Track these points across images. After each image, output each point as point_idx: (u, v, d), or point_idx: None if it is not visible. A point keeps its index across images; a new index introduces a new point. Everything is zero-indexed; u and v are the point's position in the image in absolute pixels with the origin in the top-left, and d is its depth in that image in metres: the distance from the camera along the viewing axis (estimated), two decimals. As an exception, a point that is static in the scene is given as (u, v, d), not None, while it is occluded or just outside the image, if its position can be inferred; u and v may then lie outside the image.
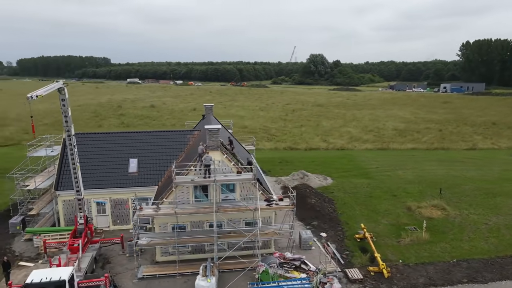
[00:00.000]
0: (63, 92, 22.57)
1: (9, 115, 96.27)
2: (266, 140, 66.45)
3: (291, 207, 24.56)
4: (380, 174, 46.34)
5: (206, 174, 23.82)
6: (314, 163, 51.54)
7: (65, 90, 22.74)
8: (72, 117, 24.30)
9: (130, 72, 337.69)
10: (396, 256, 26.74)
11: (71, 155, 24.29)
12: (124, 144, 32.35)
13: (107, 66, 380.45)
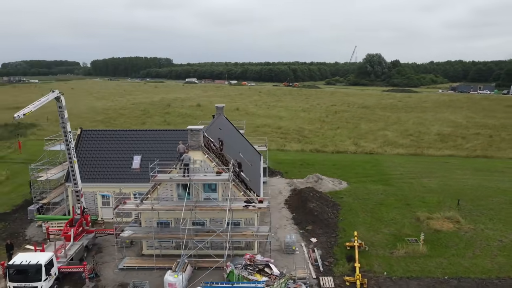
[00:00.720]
0: (60, 100, 24.67)
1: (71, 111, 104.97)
2: (296, 142, 65.92)
3: (266, 209, 24.46)
4: (402, 181, 43.95)
5: (185, 173, 24.55)
6: (335, 166, 50.24)
7: (62, 98, 24.80)
8: (124, 114, 26.42)
9: (189, 72, 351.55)
10: (382, 267, 25.43)
11: (67, 151, 26.38)
12: (131, 141, 34.16)
13: (169, 67, 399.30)
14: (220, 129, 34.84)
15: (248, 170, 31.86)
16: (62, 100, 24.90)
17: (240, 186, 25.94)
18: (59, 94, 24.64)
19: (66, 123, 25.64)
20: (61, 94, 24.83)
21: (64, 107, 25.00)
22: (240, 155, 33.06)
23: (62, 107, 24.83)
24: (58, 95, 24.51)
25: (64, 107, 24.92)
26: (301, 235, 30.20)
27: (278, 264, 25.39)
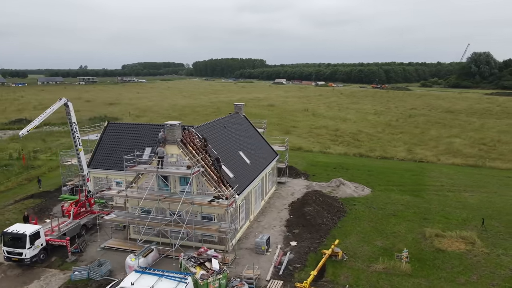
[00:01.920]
0: (67, 105, 28.54)
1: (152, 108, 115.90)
2: (344, 145, 63.25)
3: (224, 206, 24.68)
4: (436, 193, 39.54)
5: (158, 165, 26.13)
6: (370, 172, 47.21)
7: (69, 103, 28.65)
8: (198, 111, 30.04)
9: (279, 73, 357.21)
10: (349, 280, 23.68)
11: (73, 140, 30.09)
12: (148, 134, 36.92)
13: (262, 68, 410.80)
14: (224, 126, 35.71)
15: (244, 168, 32.20)
16: (70, 105, 28.76)
17: (211, 182, 26.57)
18: (66, 101, 28.44)
19: (71, 117, 29.27)
20: (68, 101, 28.61)
21: (71, 109, 28.75)
22: (239, 153, 33.55)
23: (69, 109, 28.62)
24: (65, 102, 28.33)
25: (72, 111, 28.69)
26: (285, 237, 29.54)
27: (241, 262, 25.49)
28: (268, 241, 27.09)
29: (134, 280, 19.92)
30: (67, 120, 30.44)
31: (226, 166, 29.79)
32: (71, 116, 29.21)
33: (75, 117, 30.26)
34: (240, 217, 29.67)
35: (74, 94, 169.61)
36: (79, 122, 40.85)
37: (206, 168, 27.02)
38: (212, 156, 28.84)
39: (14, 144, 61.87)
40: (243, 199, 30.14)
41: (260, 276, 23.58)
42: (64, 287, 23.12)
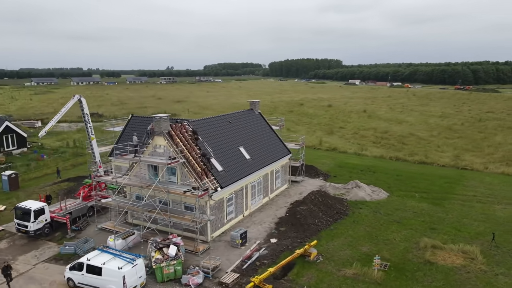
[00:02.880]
0: (81, 101, 31.80)
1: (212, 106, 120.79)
2: (385, 147, 59.73)
3: (194, 196, 25.39)
4: (461, 203, 35.78)
5: (135, 153, 27.91)
6: (398, 176, 44.19)
7: (82, 99, 31.87)
8: None
9: (354, 74, 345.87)
10: (310, 281, 22.88)
11: (86, 129, 33.32)
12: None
13: (337, 68, 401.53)
14: (229, 122, 36.38)
15: (241, 163, 32.62)
16: (83, 100, 32.03)
17: (192, 173, 27.53)
18: (80, 97, 31.70)
19: (83, 109, 32.47)
20: (81, 97, 31.85)
21: (84, 103, 31.95)
22: (239, 148, 34.01)
23: (82, 104, 31.87)
24: (79, 98, 31.62)
25: (83, 103, 31.88)
26: (270, 234, 29.33)
27: (213, 253, 26.02)
28: (244, 235, 27.22)
29: (92, 256, 21.75)
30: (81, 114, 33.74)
31: (217, 160, 30.56)
32: (84, 108, 32.37)
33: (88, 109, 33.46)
34: (227, 210, 30.21)
35: (151, 92, 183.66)
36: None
37: (191, 160, 28.05)
38: (202, 149, 29.85)
39: (78, 135, 69.62)
40: (232, 193, 30.62)
41: (220, 268, 23.92)
42: (53, 258, 25.92)
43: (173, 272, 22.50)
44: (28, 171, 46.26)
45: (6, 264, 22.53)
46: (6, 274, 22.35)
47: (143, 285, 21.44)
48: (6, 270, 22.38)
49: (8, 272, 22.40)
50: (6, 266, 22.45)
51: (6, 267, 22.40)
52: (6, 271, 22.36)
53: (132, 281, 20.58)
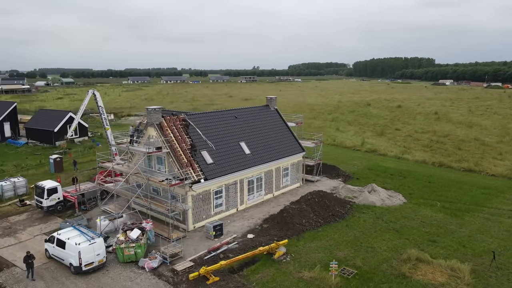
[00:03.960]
0: (95, 94, 35.28)
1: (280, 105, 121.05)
2: (435, 152, 54.30)
3: (165, 185, 26.29)
4: (487, 217, 31.34)
5: (130, 142, 29.81)
6: (429, 183, 40.12)
7: (96, 93, 35.28)
8: (315, 109, 36.31)
9: (447, 73, 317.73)
10: (263, 279, 22.27)
11: (101, 121, 36.57)
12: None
13: (427, 67, 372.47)
14: (235, 117, 36.60)
15: (237, 158, 32.84)
16: (97, 94, 35.51)
17: (176, 164, 28.56)
18: (93, 91, 35.12)
19: (98, 102, 35.76)
20: (95, 91, 35.31)
21: (98, 96, 35.35)
22: (240, 143, 34.18)
23: (97, 97, 35.32)
24: (93, 92, 35.09)
25: (97, 97, 35.28)
26: (250, 229, 29.05)
27: (186, 241, 26.77)
28: (218, 228, 27.44)
29: (63, 232, 24.08)
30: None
31: (210, 153, 31.20)
32: (98, 101, 35.62)
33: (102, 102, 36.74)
34: (214, 202, 30.69)
35: (226, 90, 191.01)
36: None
37: (178, 151, 29.15)
38: (198, 141, 30.85)
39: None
40: (222, 186, 30.99)
41: (182, 255, 24.51)
42: (53, 231, 29.02)
43: (134, 254, 23.76)
44: (82, 156, 51.96)
45: (28, 254, 22.45)
46: (28, 263, 22.25)
47: (102, 262, 23.05)
48: (28, 259, 22.29)
49: (29, 261, 22.25)
50: (29, 256, 22.36)
51: (28, 256, 22.34)
52: (27, 260, 22.26)
53: (89, 257, 22.30)
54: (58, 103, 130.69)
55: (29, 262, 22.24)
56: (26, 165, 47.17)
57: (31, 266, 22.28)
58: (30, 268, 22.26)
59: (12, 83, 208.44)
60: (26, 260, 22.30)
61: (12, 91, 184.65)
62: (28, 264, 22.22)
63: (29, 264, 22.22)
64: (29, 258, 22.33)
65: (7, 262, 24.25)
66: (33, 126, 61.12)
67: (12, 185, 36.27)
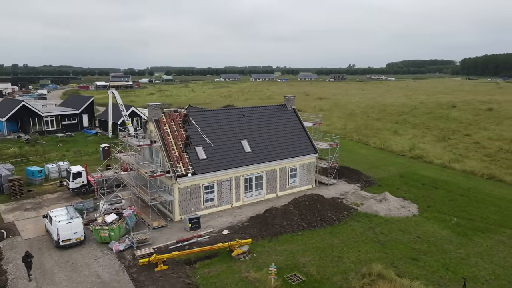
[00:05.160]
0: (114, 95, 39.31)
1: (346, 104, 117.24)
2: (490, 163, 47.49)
3: (149, 176, 28.15)
4: (504, 241, 26.97)
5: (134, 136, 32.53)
6: (461, 197, 35.66)
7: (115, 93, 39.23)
8: (385, 110, 39.64)
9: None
10: (209, 274, 22.79)
11: (123, 117, 40.36)
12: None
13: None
14: (243, 115, 36.98)
15: (235, 155, 33.52)
16: (115, 92, 39.72)
17: (165, 157, 30.40)
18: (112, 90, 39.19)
19: (117, 99, 39.62)
20: (113, 89, 39.31)
21: (116, 94, 39.29)
22: (241, 142, 34.71)
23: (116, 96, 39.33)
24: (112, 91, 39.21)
25: (116, 94, 39.23)
26: (229, 226, 29.49)
27: (165, 231, 28.51)
28: (194, 221, 28.53)
29: (55, 210, 27.71)
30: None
31: (205, 149, 32.46)
32: (117, 99, 39.44)
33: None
34: (204, 197, 31.84)
35: (306, 89, 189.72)
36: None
37: (171, 145, 31.03)
38: (196, 137, 32.47)
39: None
40: (214, 182, 31.98)
41: (150, 242, 26.23)
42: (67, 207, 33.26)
43: (108, 236, 26.25)
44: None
45: (27, 253, 22.45)
46: (26, 262, 22.15)
47: (79, 240, 25.96)
48: (26, 258, 22.23)
49: (28, 260, 22.15)
50: (27, 255, 22.34)
51: (27, 256, 22.29)
52: (26, 259, 22.18)
53: (66, 234, 25.38)
54: (147, 98, 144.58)
55: (27, 261, 22.19)
56: (84, 151, 54.15)
57: (30, 265, 22.22)
58: (28, 267, 22.21)
59: (119, 80, 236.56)
60: (25, 259, 22.22)
61: (118, 87, 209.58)
62: (27, 263, 22.17)
63: (27, 263, 22.16)
64: (28, 257, 22.32)
65: (15, 231, 28.78)
66: (103, 118, 69.40)
67: (57, 168, 42.22)
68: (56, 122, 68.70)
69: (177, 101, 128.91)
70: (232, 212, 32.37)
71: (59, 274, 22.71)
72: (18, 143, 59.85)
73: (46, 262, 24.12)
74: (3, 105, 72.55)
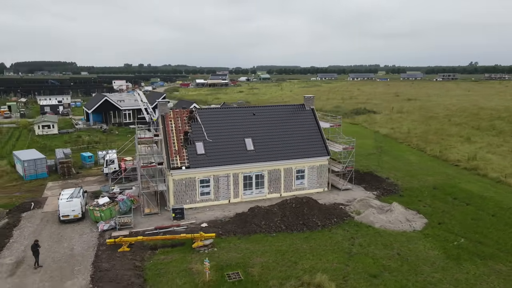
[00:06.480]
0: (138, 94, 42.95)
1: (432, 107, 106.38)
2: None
3: (141, 166, 30.55)
4: (499, 269, 22.74)
5: None
6: (491, 218, 30.70)
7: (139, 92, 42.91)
8: (481, 115, 42.52)
9: None
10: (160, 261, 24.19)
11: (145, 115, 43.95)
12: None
13: None
14: (253, 114, 37.05)
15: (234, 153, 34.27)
16: (139, 92, 43.01)
17: (162, 151, 32.63)
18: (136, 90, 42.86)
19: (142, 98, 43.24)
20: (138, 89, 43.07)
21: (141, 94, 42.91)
22: (244, 140, 35.19)
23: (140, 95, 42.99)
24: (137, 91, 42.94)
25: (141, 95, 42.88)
26: (213, 220, 30.30)
27: (153, 218, 30.82)
28: (177, 211, 30.14)
29: (66, 190, 32.11)
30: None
31: (205, 145, 33.91)
32: (142, 98, 43.02)
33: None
34: (200, 190, 33.25)
35: (400, 89, 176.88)
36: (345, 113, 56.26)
37: (172, 139, 33.26)
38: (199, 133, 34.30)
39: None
40: (210, 176, 33.19)
41: (132, 226, 28.71)
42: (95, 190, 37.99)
43: (100, 216, 29.53)
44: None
45: (36, 242, 23.30)
46: (34, 251, 22.96)
47: (77, 217, 29.71)
48: (35, 247, 23.04)
49: (36, 248, 22.98)
50: (36, 244, 23.17)
51: (35, 245, 23.11)
52: (35, 248, 23.01)
53: (65, 211, 29.36)
54: (234, 96, 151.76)
55: (36, 250, 23.03)
56: (141, 142, 60.20)
57: (37, 253, 23.11)
58: (36, 255, 23.09)
59: (217, 78, 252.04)
60: (34, 248, 23.07)
61: (214, 84, 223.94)
62: (35, 252, 23.02)
63: (35, 252, 23.01)
64: (36, 246, 23.18)
65: (42, 204, 34.10)
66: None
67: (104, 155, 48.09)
68: (132, 115, 77.39)
69: (258, 99, 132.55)
70: (225, 208, 33.20)
71: (46, 243, 26.54)
72: (97, 132, 69.38)
73: (43, 233, 28.36)
74: (93, 99, 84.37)
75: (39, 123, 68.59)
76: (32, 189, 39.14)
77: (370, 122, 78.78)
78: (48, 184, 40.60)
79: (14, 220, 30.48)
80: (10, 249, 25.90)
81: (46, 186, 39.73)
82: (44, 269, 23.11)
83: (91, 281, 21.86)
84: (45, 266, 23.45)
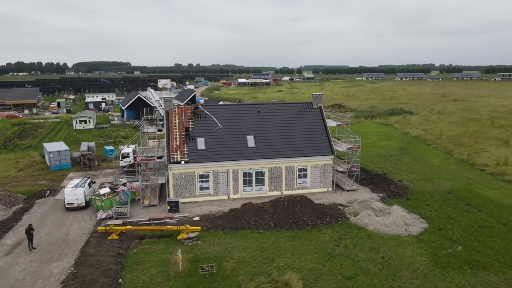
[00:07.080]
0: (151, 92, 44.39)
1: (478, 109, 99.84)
2: None
3: (140, 159, 31.67)
4: (491, 280, 21.04)
5: None
6: (501, 226, 28.50)
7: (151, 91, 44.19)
8: None
9: None
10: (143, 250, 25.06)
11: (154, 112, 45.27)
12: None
13: None
14: (258, 111, 36.90)
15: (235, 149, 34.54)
16: (151, 91, 44.43)
17: (165, 147, 33.61)
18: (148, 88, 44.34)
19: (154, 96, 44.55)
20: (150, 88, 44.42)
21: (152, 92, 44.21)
22: (246, 137, 35.31)
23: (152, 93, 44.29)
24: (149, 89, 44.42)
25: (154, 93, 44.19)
26: (206, 215, 30.71)
27: (151, 210, 31.92)
28: (172, 204, 30.93)
29: (75, 179, 34.09)
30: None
31: (205, 141, 34.49)
32: (154, 96, 44.32)
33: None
34: (199, 185, 33.86)
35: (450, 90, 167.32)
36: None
37: (175, 133, 34.22)
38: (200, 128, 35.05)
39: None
40: (210, 172, 33.72)
41: (128, 216, 29.94)
42: (110, 179, 39.96)
43: (101, 205, 31.11)
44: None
45: (30, 226, 24.90)
46: (28, 234, 24.49)
47: (81, 205, 31.48)
48: (28, 230, 24.61)
49: (30, 232, 24.50)
50: (30, 227, 24.72)
51: (28, 228, 24.65)
52: (28, 231, 24.56)
53: (70, 199, 31.25)
54: (272, 95, 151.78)
55: (30, 233, 24.57)
56: (165, 138, 62.32)
57: (31, 237, 24.65)
58: (30, 238, 24.63)
59: (259, 77, 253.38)
60: (28, 231, 24.64)
61: (256, 84, 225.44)
62: (29, 235, 24.59)
63: (29, 235, 24.57)
64: (30, 230, 24.67)
65: (56, 192, 36.49)
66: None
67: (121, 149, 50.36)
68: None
69: (295, 98, 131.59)
70: (222, 203, 33.55)
71: (47, 227, 28.49)
72: (129, 128, 72.77)
73: (48, 218, 30.40)
74: (128, 96, 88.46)
75: (77, 118, 73.24)
76: (54, 178, 42.02)
77: (402, 123, 75.41)
78: (69, 174, 43.35)
79: (28, 206, 32.95)
80: (15, 231, 28.07)
81: (67, 176, 42.46)
82: (37, 251, 24.84)
83: (74, 264, 23.17)
84: (39, 248, 25.20)
